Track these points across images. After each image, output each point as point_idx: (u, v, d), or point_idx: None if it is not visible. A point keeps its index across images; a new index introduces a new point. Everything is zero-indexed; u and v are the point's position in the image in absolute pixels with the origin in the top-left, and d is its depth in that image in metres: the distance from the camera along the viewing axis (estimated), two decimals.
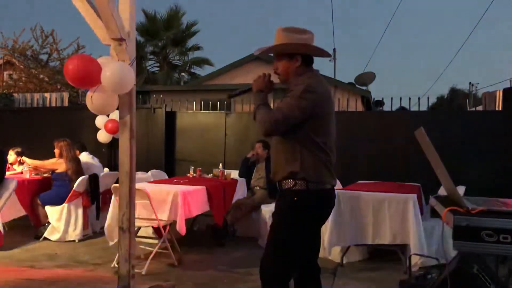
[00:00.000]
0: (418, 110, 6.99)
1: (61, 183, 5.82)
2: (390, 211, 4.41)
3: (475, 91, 23.84)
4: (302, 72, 2.58)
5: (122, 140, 3.48)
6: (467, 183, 4.88)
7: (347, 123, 6.78)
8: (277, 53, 2.64)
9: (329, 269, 4.44)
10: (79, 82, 3.36)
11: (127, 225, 3.46)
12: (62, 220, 5.62)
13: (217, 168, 6.12)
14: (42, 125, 8.30)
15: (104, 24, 3.21)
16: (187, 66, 22.16)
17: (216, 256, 5.11)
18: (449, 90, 37.11)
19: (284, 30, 2.60)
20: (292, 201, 2.50)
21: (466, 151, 6.23)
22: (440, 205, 2.29)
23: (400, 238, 4.38)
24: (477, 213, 2.01)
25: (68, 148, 5.92)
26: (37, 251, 5.17)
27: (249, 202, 5.90)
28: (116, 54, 3.37)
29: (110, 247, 4.82)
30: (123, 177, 3.49)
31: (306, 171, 2.47)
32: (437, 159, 2.26)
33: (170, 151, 7.91)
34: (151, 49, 21.64)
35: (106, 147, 7.79)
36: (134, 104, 3.50)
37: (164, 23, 20.97)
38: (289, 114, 2.42)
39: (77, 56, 3.85)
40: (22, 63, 15.38)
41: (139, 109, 7.18)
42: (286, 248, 2.53)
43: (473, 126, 6.34)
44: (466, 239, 1.96)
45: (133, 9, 3.45)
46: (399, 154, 6.51)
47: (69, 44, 15.53)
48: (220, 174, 5.93)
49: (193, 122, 7.96)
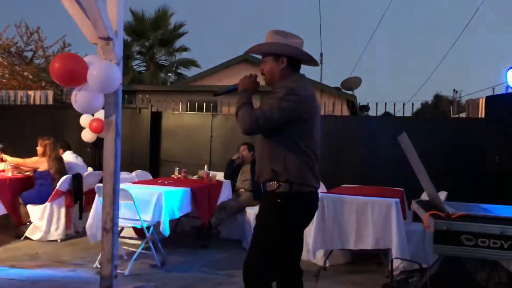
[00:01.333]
0: (403, 116, 7.06)
1: (43, 182, 5.76)
2: (373, 215, 4.45)
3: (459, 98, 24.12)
4: (287, 75, 2.60)
5: (107, 140, 3.46)
6: (449, 189, 4.95)
7: (332, 127, 6.84)
8: (263, 54, 2.68)
9: (311, 272, 4.46)
10: (65, 80, 3.33)
11: (110, 225, 3.44)
12: (44, 220, 5.56)
13: (203, 169, 6.12)
14: (26, 123, 8.20)
15: (92, 23, 3.19)
16: (174, 67, 22.07)
17: (200, 257, 5.10)
18: (433, 96, 37.55)
19: (273, 32, 2.64)
20: (275, 203, 2.52)
21: (448, 157, 6.31)
22: (421, 210, 2.34)
23: (382, 243, 4.40)
24: (457, 218, 2.06)
25: (52, 147, 5.86)
26: (18, 251, 5.11)
27: (234, 204, 5.91)
28: (103, 53, 3.34)
29: (92, 247, 4.79)
30: (107, 177, 3.46)
31: (289, 173, 2.49)
32: (419, 164, 2.30)
33: (155, 151, 7.88)
34: (137, 48, 21.51)
35: (90, 147, 7.72)
36: (120, 103, 3.48)
37: (151, 23, 20.86)
38: (269, 115, 2.44)
39: (64, 54, 3.82)
40: (6, 59, 15.18)
41: (124, 109, 7.15)
42: (269, 250, 2.54)
43: (456, 132, 6.43)
44: (446, 243, 2.00)
45: (122, 9, 3.43)
46: (383, 159, 6.58)
47: (55, 42, 15.41)
48: (205, 176, 5.93)
49: (179, 123, 7.94)
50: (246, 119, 2.47)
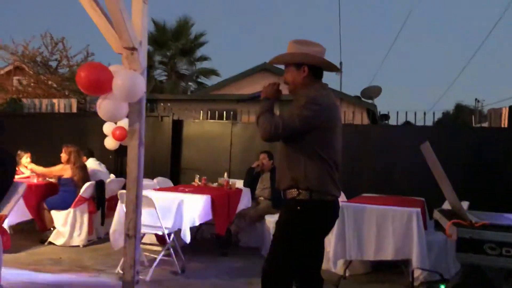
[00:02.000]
0: (424, 125, 7.01)
1: (67, 189, 5.86)
2: (394, 224, 4.42)
3: (480, 107, 23.85)
4: (309, 83, 2.63)
5: (130, 147, 3.53)
6: (472, 199, 4.89)
7: (353, 136, 6.81)
8: (285, 63, 2.72)
9: (332, 281, 4.44)
10: (91, 89, 3.42)
11: (133, 232, 3.50)
12: (68, 225, 5.66)
13: (222, 177, 6.16)
14: (50, 130, 8.37)
15: (117, 33, 3.28)
16: (195, 76, 22.30)
17: (219, 265, 5.13)
18: (454, 106, 37.06)
19: (294, 42, 2.68)
20: (295, 210, 2.54)
21: (470, 167, 6.23)
22: (444, 218, 2.32)
23: (402, 253, 4.36)
24: (480, 227, 2.04)
25: (76, 155, 5.96)
26: (42, 255, 5.21)
27: (253, 212, 5.93)
28: (128, 63, 3.43)
29: (114, 253, 4.86)
30: (130, 183, 3.53)
31: (309, 180, 2.50)
32: (442, 173, 2.29)
33: (176, 159, 7.96)
34: (159, 58, 21.83)
35: (113, 154, 7.85)
36: (143, 112, 3.56)
37: (173, 33, 21.16)
38: (289, 122, 2.48)
39: (89, 63, 3.92)
40: (32, 69, 15.55)
41: (146, 117, 7.17)
42: (288, 257, 2.55)
43: (478, 142, 6.36)
44: (469, 252, 1.98)
45: (146, 19, 3.52)
46: (404, 168, 6.53)
47: (79, 51, 15.73)
48: (225, 183, 5.97)
49: (199, 131, 8.01)
50: (266, 125, 2.51)
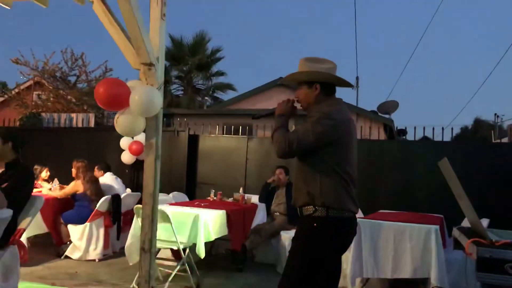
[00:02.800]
0: (442, 141, 6.92)
1: (82, 204, 5.89)
2: (412, 242, 4.34)
3: (500, 122, 23.52)
4: (322, 100, 2.63)
5: (147, 162, 3.55)
6: (491, 216, 4.80)
7: (369, 151, 6.77)
8: (297, 82, 2.73)
9: None
10: (108, 104, 3.47)
11: (149, 246, 3.50)
12: (84, 239, 5.69)
13: (238, 192, 6.16)
14: (68, 144, 8.49)
15: (135, 49, 3.33)
16: (211, 91, 22.45)
17: (234, 281, 5.09)
18: (473, 121, 36.67)
19: (305, 59, 2.68)
20: (311, 227, 2.50)
21: (490, 183, 6.13)
22: (463, 236, 2.28)
23: (420, 272, 4.27)
24: (501, 246, 1.99)
25: (84, 170, 5.98)
26: (58, 269, 5.24)
27: (269, 228, 5.89)
28: (145, 78, 3.47)
29: (129, 267, 4.86)
30: (146, 198, 3.54)
31: (325, 196, 2.48)
32: (460, 190, 2.25)
33: (192, 174, 7.99)
34: (176, 73, 22.03)
35: (129, 168, 7.92)
36: (160, 127, 3.58)
37: (189, 49, 21.37)
38: (303, 138, 2.47)
39: (108, 79, 3.98)
40: (51, 84, 15.84)
41: (163, 132, 7.27)
42: (304, 274, 2.51)
43: (498, 158, 6.26)
44: (490, 271, 1.94)
45: (163, 35, 3.57)
46: (422, 184, 6.45)
47: (97, 66, 16.00)
48: (240, 199, 5.96)
49: (215, 145, 8.04)
50: (280, 142, 2.51)
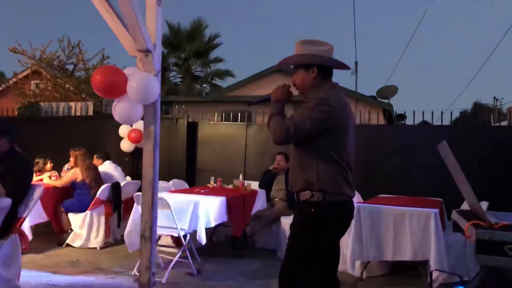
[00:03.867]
0: (441, 125, 6.91)
1: (81, 192, 5.90)
2: (411, 225, 4.36)
3: (499, 106, 23.50)
4: (319, 84, 2.60)
5: (146, 150, 3.55)
6: (491, 199, 4.80)
7: (369, 136, 6.76)
8: (294, 65, 2.69)
9: (349, 283, 4.41)
10: (105, 92, 3.45)
11: (149, 234, 3.51)
12: (85, 227, 5.71)
13: (238, 179, 6.16)
14: (67, 133, 8.46)
15: (132, 36, 3.30)
16: (209, 78, 22.38)
17: (235, 267, 5.12)
18: (472, 104, 36.61)
19: (301, 42, 2.64)
20: (309, 213, 2.51)
21: (489, 167, 6.13)
22: (462, 219, 2.28)
23: (421, 254, 4.30)
24: (500, 228, 1.99)
25: (81, 158, 5.98)
26: (60, 257, 5.26)
27: (269, 214, 5.91)
28: (142, 66, 3.45)
29: (130, 255, 4.88)
30: (146, 186, 3.54)
31: (322, 182, 2.48)
32: (460, 173, 2.25)
33: (191, 161, 7.98)
34: (174, 60, 21.95)
35: (129, 156, 7.91)
36: (158, 114, 3.57)
37: (187, 35, 21.25)
38: (300, 124, 2.45)
39: (104, 67, 3.95)
40: (49, 72, 15.75)
41: (161, 119, 7.22)
42: (304, 259, 2.53)
43: (497, 141, 6.25)
44: (489, 253, 1.94)
45: (160, 22, 3.53)
46: (421, 168, 6.45)
47: (95, 55, 15.89)
48: (240, 185, 5.96)
49: (214, 133, 8.03)
50: (277, 129, 2.49)
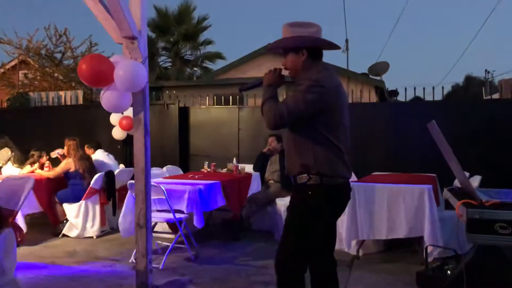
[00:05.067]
0: (433, 100, 6.90)
1: (75, 182, 5.88)
2: (405, 202, 4.38)
3: (491, 78, 23.52)
4: (310, 66, 2.56)
5: (136, 137, 3.52)
6: (483, 173, 4.83)
7: (361, 114, 6.74)
8: (283, 49, 2.64)
9: (345, 261, 4.44)
10: (92, 81, 3.40)
11: (144, 221, 3.51)
12: (80, 217, 5.71)
13: (231, 162, 6.15)
14: (58, 123, 8.40)
15: (116, 23, 3.24)
16: (199, 61, 22.19)
17: (232, 250, 5.15)
18: (464, 78, 36.64)
19: (288, 25, 2.59)
20: (306, 195, 2.51)
21: (482, 140, 6.15)
22: (453, 198, 2.29)
23: (415, 231, 4.34)
24: (491, 206, 1.99)
25: (74, 147, 5.94)
26: (56, 248, 5.27)
27: (264, 196, 5.92)
28: (129, 53, 3.40)
29: (127, 242, 4.89)
30: (138, 173, 3.53)
31: (319, 165, 2.47)
32: (449, 151, 2.25)
33: (184, 146, 7.96)
34: (162, 45, 21.71)
35: (121, 144, 7.87)
36: (147, 101, 3.53)
37: (175, 19, 21.00)
38: (294, 108, 2.43)
39: (90, 55, 3.90)
40: (37, 62, 15.54)
41: (152, 105, 7.19)
42: (301, 242, 2.54)
43: (489, 114, 6.25)
44: (480, 232, 1.94)
45: (145, 7, 3.48)
46: (415, 144, 6.46)
47: (82, 42, 15.68)
48: (234, 169, 5.96)
49: (206, 117, 7.99)
50: (270, 113, 2.47)
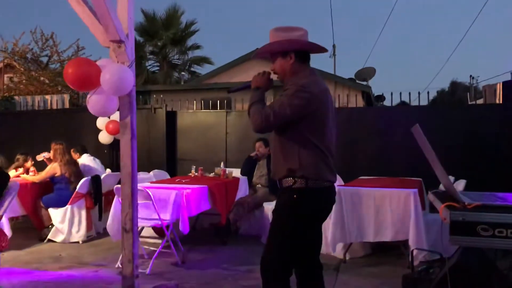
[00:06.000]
0: (419, 105, 6.99)
1: (61, 186, 5.83)
2: (392, 206, 4.42)
3: (475, 84, 23.80)
4: (298, 69, 2.59)
5: (123, 141, 3.50)
6: (468, 177, 4.89)
7: (348, 119, 6.80)
8: (271, 53, 2.66)
9: (332, 265, 4.46)
10: (79, 85, 3.38)
11: (130, 225, 3.48)
12: (66, 222, 5.65)
13: (219, 167, 6.15)
14: (44, 127, 8.33)
15: (103, 26, 3.23)
16: (187, 65, 22.16)
17: (219, 254, 5.14)
18: (450, 83, 37.06)
19: (275, 30, 2.62)
20: (291, 199, 2.52)
21: (467, 144, 6.23)
22: (437, 201, 2.32)
23: (401, 235, 4.38)
24: (473, 208, 2.03)
25: (61, 152, 5.89)
26: (42, 253, 5.21)
27: (251, 200, 5.93)
28: (116, 56, 3.38)
29: (113, 247, 4.86)
30: (125, 178, 3.50)
31: (305, 169, 2.48)
32: (433, 155, 2.28)
33: (171, 150, 7.94)
34: (150, 49, 21.65)
35: (108, 148, 7.83)
36: (134, 105, 3.51)
37: (163, 23, 20.96)
38: (280, 112, 2.44)
39: (76, 59, 3.88)
40: (22, 66, 15.41)
41: (139, 110, 7.21)
42: (286, 245, 2.54)
43: (473, 119, 6.34)
44: (463, 234, 1.98)
45: (132, 11, 3.46)
46: (401, 149, 6.52)
47: (69, 46, 15.59)
48: (221, 173, 5.95)
49: (194, 121, 7.98)
50: (257, 117, 2.48)
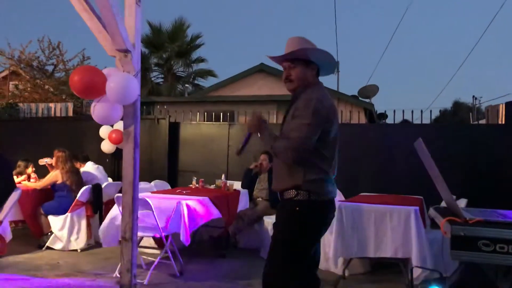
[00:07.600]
0: (421, 123, 6.99)
1: (62, 194, 5.82)
2: (392, 223, 4.41)
3: (478, 104, 23.85)
4: (313, 82, 2.60)
5: (126, 151, 3.52)
6: (469, 196, 4.88)
7: (350, 135, 6.80)
8: (293, 59, 2.59)
9: (331, 281, 4.43)
10: (84, 92, 3.42)
11: (130, 235, 3.49)
12: (65, 230, 5.64)
13: (220, 179, 6.14)
14: (47, 135, 8.36)
15: (110, 36, 3.27)
16: (191, 78, 22.29)
17: (218, 267, 5.11)
18: (452, 103, 37.16)
19: (300, 38, 2.61)
20: (293, 211, 2.51)
21: (468, 164, 6.23)
22: (439, 216, 2.31)
23: (401, 251, 4.36)
24: (474, 223, 2.03)
25: (63, 160, 5.87)
26: (40, 260, 5.18)
27: (252, 213, 5.90)
28: (121, 66, 3.42)
29: (112, 256, 4.84)
30: (126, 187, 3.52)
31: (308, 183, 2.48)
32: (435, 170, 2.28)
33: (173, 161, 7.94)
34: (155, 60, 21.82)
35: (110, 157, 7.84)
36: (138, 114, 3.54)
37: (169, 35, 21.15)
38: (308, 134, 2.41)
39: (83, 67, 3.91)
40: (28, 73, 15.52)
41: (143, 120, 7.23)
42: (288, 259, 2.52)
43: (476, 139, 6.35)
44: (464, 249, 1.97)
45: (139, 22, 3.51)
46: (402, 166, 6.51)
47: (75, 55, 15.71)
48: (222, 185, 5.95)
49: (196, 133, 8.00)
50: (288, 151, 2.43)
